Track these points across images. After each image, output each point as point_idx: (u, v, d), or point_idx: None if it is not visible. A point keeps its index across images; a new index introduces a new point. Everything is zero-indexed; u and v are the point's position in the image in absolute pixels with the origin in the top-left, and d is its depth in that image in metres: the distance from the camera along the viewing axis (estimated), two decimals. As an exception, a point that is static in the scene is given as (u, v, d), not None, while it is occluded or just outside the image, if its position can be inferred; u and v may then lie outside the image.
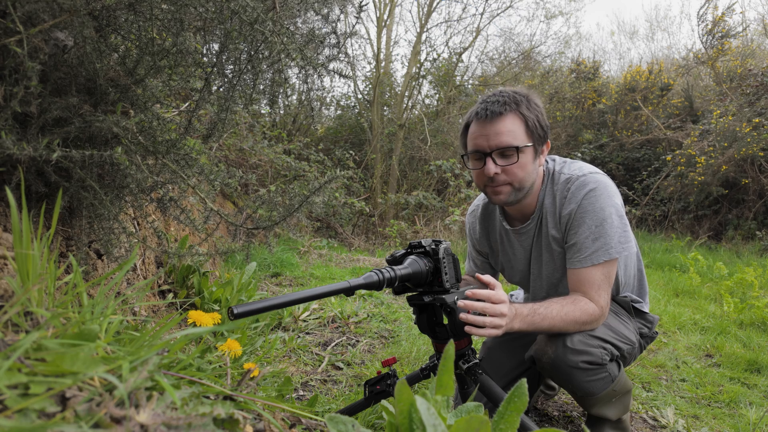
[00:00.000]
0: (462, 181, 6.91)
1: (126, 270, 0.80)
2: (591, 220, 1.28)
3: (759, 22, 9.74)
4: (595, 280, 1.29)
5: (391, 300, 3.30)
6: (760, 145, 6.11)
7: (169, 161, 1.29)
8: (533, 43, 9.90)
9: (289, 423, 0.68)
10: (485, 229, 1.60)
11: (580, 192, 1.30)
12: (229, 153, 5.09)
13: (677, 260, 5.02)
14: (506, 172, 1.29)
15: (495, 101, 1.29)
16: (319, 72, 1.36)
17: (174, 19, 1.12)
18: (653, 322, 1.53)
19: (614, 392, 1.38)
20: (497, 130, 1.27)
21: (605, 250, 1.27)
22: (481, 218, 1.60)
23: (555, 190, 1.37)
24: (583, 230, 1.29)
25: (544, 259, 1.43)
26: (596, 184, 1.30)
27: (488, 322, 1.09)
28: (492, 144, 1.27)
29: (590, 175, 1.32)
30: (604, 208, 1.28)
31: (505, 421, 0.58)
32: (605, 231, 1.27)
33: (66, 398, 0.45)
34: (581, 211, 1.30)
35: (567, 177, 1.35)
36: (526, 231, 1.44)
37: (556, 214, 1.36)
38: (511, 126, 1.27)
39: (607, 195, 1.29)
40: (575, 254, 1.31)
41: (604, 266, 1.29)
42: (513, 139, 1.27)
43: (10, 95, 0.93)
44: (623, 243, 1.29)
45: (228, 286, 2.27)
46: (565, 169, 1.38)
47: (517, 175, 1.29)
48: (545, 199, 1.39)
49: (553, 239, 1.38)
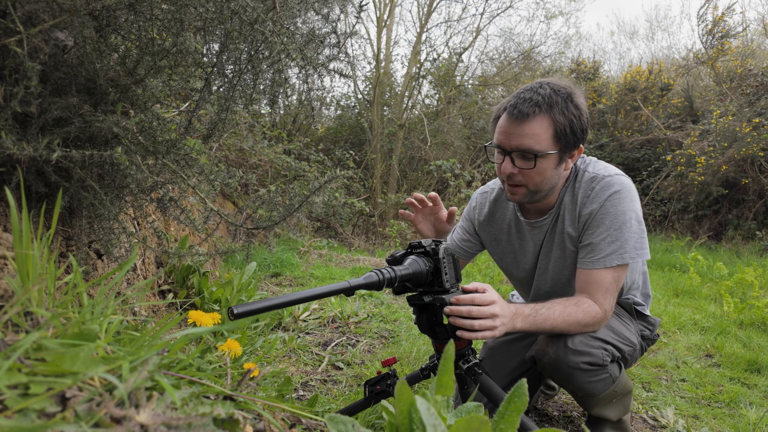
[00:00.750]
0: (462, 181, 6.91)
1: (126, 270, 0.80)
2: (611, 222, 1.26)
3: (759, 22, 9.74)
4: (603, 283, 1.27)
5: (391, 300, 3.30)
6: (760, 145, 6.11)
7: (169, 161, 1.29)
8: (533, 43, 9.90)
9: (289, 423, 0.68)
10: (492, 213, 1.55)
11: (605, 192, 1.28)
12: (229, 153, 5.09)
13: (677, 260, 5.02)
14: (523, 174, 1.26)
15: (528, 99, 1.22)
16: (319, 72, 1.36)
17: (174, 19, 1.12)
18: (655, 324, 1.52)
19: (615, 393, 1.38)
20: (521, 132, 1.22)
21: (620, 254, 1.26)
22: (493, 201, 1.55)
23: (577, 188, 1.34)
24: (601, 231, 1.27)
25: (553, 256, 1.41)
26: (621, 186, 1.28)
27: (477, 325, 1.08)
28: (513, 144, 1.24)
29: (616, 177, 1.30)
30: (626, 212, 1.26)
31: (505, 421, 0.58)
32: (623, 235, 1.25)
33: (66, 398, 0.45)
34: (603, 211, 1.27)
35: (592, 176, 1.33)
36: (540, 225, 1.41)
37: (576, 211, 1.33)
38: (538, 130, 1.21)
39: (630, 199, 1.27)
40: (589, 254, 1.29)
41: (615, 270, 1.27)
42: (535, 143, 1.22)
43: (10, 95, 0.93)
44: (638, 249, 1.27)
45: (228, 286, 2.27)
46: (590, 168, 1.36)
47: (533, 179, 1.26)
48: (565, 196, 1.36)
49: (568, 237, 1.36)
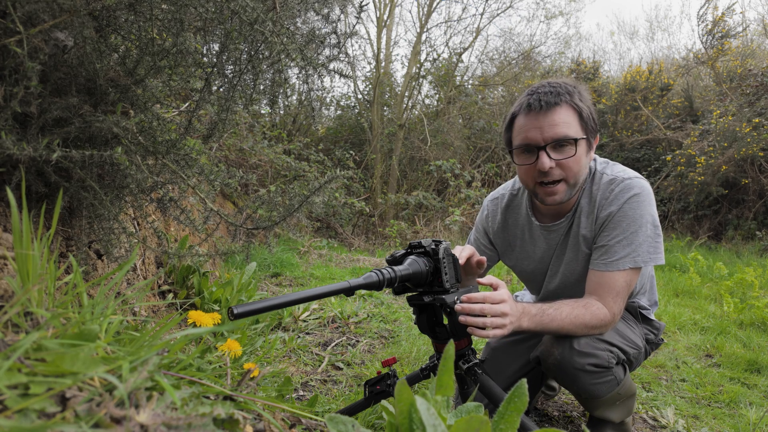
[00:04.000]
0: (462, 181, 6.91)
1: (126, 270, 0.80)
2: (627, 225, 1.25)
3: (759, 22, 9.75)
4: (615, 286, 1.26)
5: (391, 300, 3.30)
6: (760, 145, 6.11)
7: (169, 161, 1.29)
8: (533, 43, 9.91)
9: (289, 423, 0.68)
10: (505, 220, 1.53)
11: (624, 195, 1.27)
12: (229, 153, 5.09)
13: (677, 260, 5.02)
14: (561, 166, 1.23)
15: (548, 91, 1.22)
16: (320, 72, 1.36)
17: (174, 19, 1.12)
18: (659, 329, 1.51)
19: (619, 395, 1.37)
20: (552, 121, 1.20)
21: (633, 257, 1.25)
22: (505, 208, 1.52)
23: (594, 190, 1.33)
24: (617, 234, 1.26)
25: (566, 258, 1.40)
26: (640, 189, 1.27)
27: (489, 323, 1.08)
28: (547, 136, 1.21)
29: (635, 180, 1.29)
30: (643, 215, 1.25)
31: (505, 422, 0.58)
32: (638, 238, 1.25)
33: (66, 398, 0.45)
34: (621, 214, 1.26)
35: (611, 178, 1.31)
36: (556, 229, 1.40)
37: (594, 214, 1.32)
38: (567, 117, 1.21)
39: (648, 203, 1.27)
40: (602, 256, 1.28)
41: (628, 273, 1.26)
42: (569, 130, 1.21)
43: (10, 95, 0.93)
44: (652, 254, 1.26)
45: (228, 287, 2.27)
46: (608, 170, 1.34)
47: (572, 169, 1.23)
48: (582, 199, 1.35)
49: (582, 239, 1.34)
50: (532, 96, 1.24)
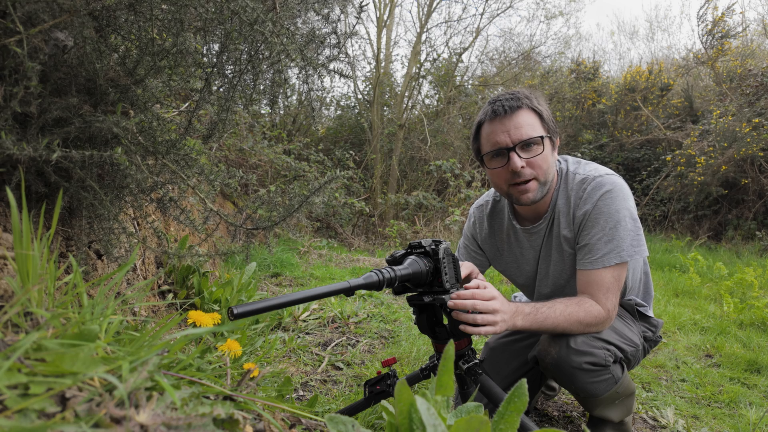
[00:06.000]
0: (462, 181, 6.91)
1: (126, 270, 0.80)
2: (605, 221, 1.27)
3: (759, 22, 9.75)
4: (604, 283, 1.28)
5: (391, 300, 3.30)
6: (760, 145, 6.11)
7: (169, 161, 1.29)
8: (533, 43, 9.91)
9: (289, 423, 0.68)
10: (491, 226, 1.57)
11: (597, 193, 1.29)
12: (229, 153, 5.09)
13: (677, 260, 5.02)
14: (531, 165, 1.28)
15: (509, 97, 1.29)
16: (320, 72, 1.37)
17: (174, 19, 1.12)
18: (657, 326, 1.52)
19: (617, 394, 1.38)
20: (517, 124, 1.26)
21: (617, 252, 1.26)
22: (489, 215, 1.57)
23: (569, 190, 1.36)
24: (596, 231, 1.28)
25: (553, 260, 1.42)
26: (612, 185, 1.29)
27: (480, 319, 1.09)
28: (515, 138, 1.26)
29: (606, 177, 1.31)
30: (619, 210, 1.27)
31: (505, 422, 0.58)
32: (618, 234, 1.26)
33: (66, 398, 0.45)
34: (596, 212, 1.29)
35: (583, 177, 1.34)
36: (537, 231, 1.43)
37: (570, 214, 1.35)
38: (529, 119, 1.28)
39: (622, 197, 1.28)
40: (586, 255, 1.30)
41: (614, 269, 1.28)
42: (533, 130, 1.27)
43: (10, 95, 0.93)
44: (635, 247, 1.28)
45: (228, 287, 2.27)
46: (579, 170, 1.37)
47: (542, 167, 1.28)
48: (558, 200, 1.37)
49: (564, 240, 1.37)
50: (495, 104, 1.30)
